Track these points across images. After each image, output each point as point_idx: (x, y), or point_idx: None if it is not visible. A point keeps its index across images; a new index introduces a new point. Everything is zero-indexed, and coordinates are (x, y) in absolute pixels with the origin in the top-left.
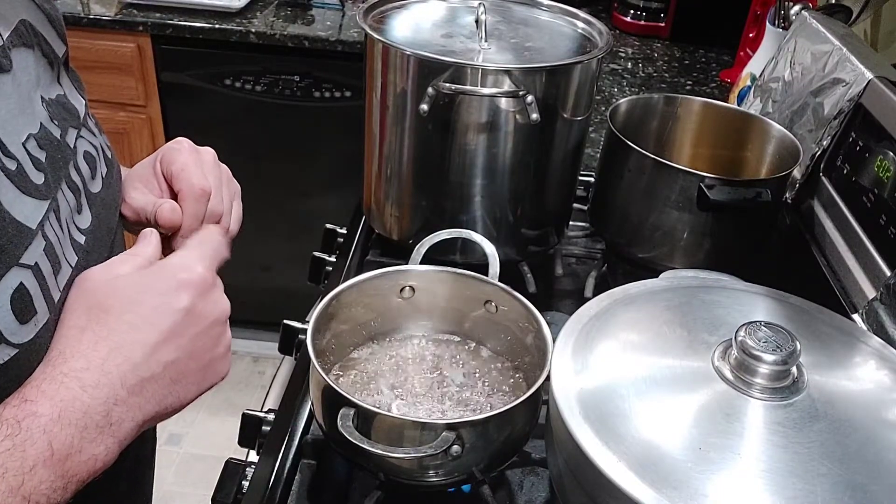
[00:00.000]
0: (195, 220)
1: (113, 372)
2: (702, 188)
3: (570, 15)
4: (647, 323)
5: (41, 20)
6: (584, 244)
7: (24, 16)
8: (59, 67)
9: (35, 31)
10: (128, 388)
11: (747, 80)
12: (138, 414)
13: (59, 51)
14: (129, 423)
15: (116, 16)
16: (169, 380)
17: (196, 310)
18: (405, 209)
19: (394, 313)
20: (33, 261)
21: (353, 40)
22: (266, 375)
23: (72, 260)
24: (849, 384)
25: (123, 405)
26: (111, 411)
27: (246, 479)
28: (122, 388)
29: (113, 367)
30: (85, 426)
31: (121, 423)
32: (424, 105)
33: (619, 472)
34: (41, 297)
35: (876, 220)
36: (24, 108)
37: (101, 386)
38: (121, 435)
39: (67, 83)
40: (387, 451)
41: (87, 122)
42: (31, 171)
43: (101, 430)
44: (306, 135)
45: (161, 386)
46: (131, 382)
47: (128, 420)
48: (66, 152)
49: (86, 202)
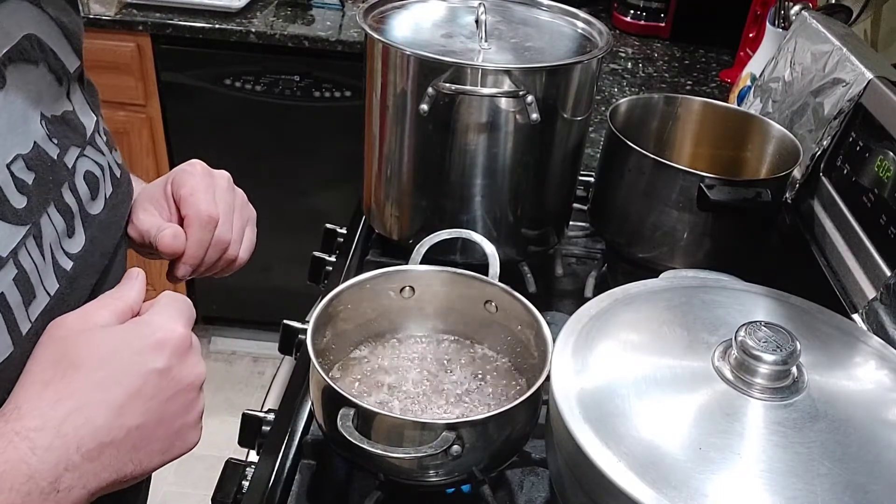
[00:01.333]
0: (200, 247)
1: (70, 434)
2: (702, 188)
3: (570, 15)
4: (647, 323)
5: (54, 34)
6: (584, 244)
7: (32, 30)
8: (69, 83)
9: (42, 45)
10: (83, 454)
11: (747, 80)
12: (91, 481)
13: (70, 66)
14: (79, 491)
15: (116, 16)
16: (131, 446)
17: (171, 372)
18: (405, 209)
19: (394, 313)
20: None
21: (353, 40)
22: (266, 375)
23: (51, 289)
24: (849, 384)
25: (76, 471)
26: (61, 477)
27: (246, 479)
28: (77, 452)
29: (71, 429)
30: (28, 492)
31: (69, 491)
32: (424, 105)
33: (619, 472)
34: (4, 330)
35: (876, 220)
36: (14, 127)
37: (53, 449)
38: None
39: (80, 99)
40: (387, 451)
41: (95, 139)
42: (13, 195)
43: (45, 498)
44: (306, 135)
45: (122, 452)
46: (89, 447)
47: (78, 487)
48: (61, 173)
49: (80, 225)
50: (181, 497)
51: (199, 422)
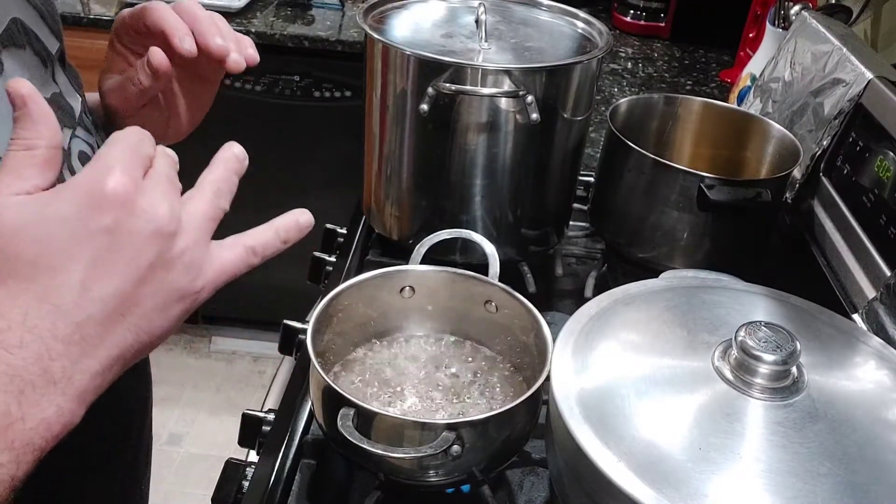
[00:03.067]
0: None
1: (39, 325)
2: (702, 188)
3: (570, 15)
4: (647, 323)
5: (33, 17)
6: (584, 244)
7: (16, 13)
8: (53, 65)
9: (26, 29)
10: (62, 339)
11: (747, 80)
12: (90, 362)
13: (52, 48)
14: (80, 375)
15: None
16: (116, 314)
17: (122, 227)
18: (405, 209)
19: (394, 313)
20: None
21: (353, 40)
22: (266, 375)
23: None
24: (849, 384)
25: (64, 358)
26: (49, 368)
27: (246, 479)
28: (55, 340)
29: (37, 320)
30: (20, 391)
31: (70, 379)
32: (424, 105)
33: (619, 472)
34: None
35: (876, 220)
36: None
37: (27, 344)
38: (74, 390)
39: (64, 81)
40: (387, 451)
41: (84, 120)
42: None
43: (43, 392)
44: (306, 135)
45: (107, 325)
46: (65, 331)
47: (77, 372)
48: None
49: None
50: (181, 497)
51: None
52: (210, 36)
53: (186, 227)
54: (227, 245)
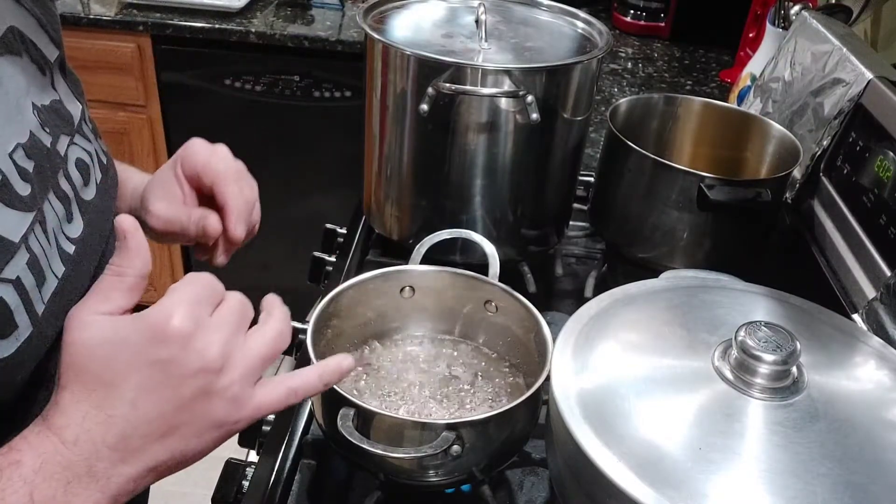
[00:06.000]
0: (242, 199)
1: (92, 429)
2: (702, 188)
3: (570, 15)
4: (647, 323)
5: (32, 26)
6: (584, 244)
7: (12, 22)
8: (51, 72)
9: (23, 37)
10: (109, 445)
11: (747, 80)
12: (128, 469)
13: (50, 56)
14: (118, 478)
15: (116, 16)
16: (157, 434)
17: (174, 361)
18: (405, 209)
19: (394, 313)
20: (15, 275)
21: (353, 40)
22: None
23: (58, 271)
24: (849, 384)
25: (106, 461)
26: (94, 467)
27: (246, 479)
28: (104, 444)
29: (92, 424)
30: (68, 481)
31: (108, 479)
32: (424, 105)
33: (619, 472)
34: (23, 311)
35: (876, 220)
36: (11, 118)
37: (80, 443)
38: (110, 490)
39: (64, 88)
40: (387, 451)
41: (82, 127)
42: (17, 183)
43: (86, 486)
44: (306, 135)
45: (147, 440)
46: (112, 440)
47: (115, 475)
48: (56, 161)
49: (77, 210)
50: (181, 497)
51: (235, 401)
52: (240, 224)
53: (237, 365)
54: (271, 384)
